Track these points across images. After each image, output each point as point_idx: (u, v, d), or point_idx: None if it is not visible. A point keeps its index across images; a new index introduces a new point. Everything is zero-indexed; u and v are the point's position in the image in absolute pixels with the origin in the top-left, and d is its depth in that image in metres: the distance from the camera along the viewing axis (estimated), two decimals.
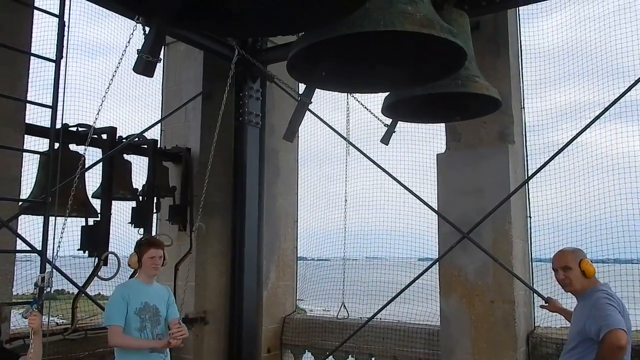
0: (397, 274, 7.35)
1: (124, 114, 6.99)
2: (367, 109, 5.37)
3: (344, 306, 5.78)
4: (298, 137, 7.84)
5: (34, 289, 4.12)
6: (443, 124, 6.20)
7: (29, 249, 4.40)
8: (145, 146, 6.47)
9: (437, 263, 5.94)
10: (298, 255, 7.91)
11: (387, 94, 4.78)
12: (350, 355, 6.97)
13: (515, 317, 5.57)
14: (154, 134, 7.06)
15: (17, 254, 4.79)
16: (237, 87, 6.67)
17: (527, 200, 6.11)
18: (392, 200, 7.05)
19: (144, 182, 6.49)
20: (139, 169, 6.62)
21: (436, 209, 5.93)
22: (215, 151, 6.93)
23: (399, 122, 5.51)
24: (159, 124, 7.09)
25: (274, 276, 7.32)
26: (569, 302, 4.13)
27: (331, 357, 6.98)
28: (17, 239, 4.58)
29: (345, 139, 5.52)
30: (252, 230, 6.78)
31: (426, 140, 6.80)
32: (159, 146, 6.82)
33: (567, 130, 5.82)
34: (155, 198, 6.48)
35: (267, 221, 7.18)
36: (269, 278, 7.23)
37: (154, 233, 6.49)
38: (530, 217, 6.07)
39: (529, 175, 5.62)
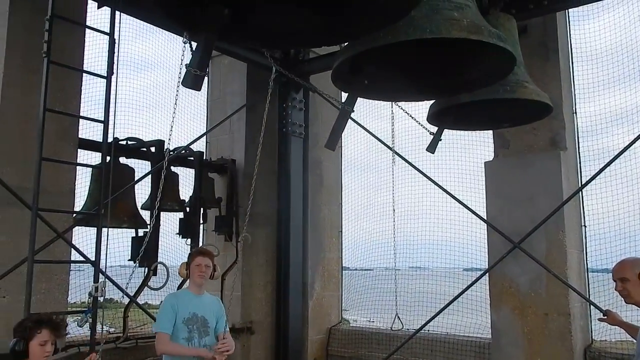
0: (443, 284, 7.22)
1: (172, 127, 7.13)
2: (413, 118, 5.31)
3: (398, 317, 5.69)
4: (341, 146, 7.84)
5: (88, 298, 4.24)
6: (490, 131, 6.07)
7: (83, 259, 4.54)
8: (192, 158, 6.57)
9: (487, 274, 5.79)
10: (343, 265, 7.87)
11: (432, 101, 4.72)
12: None
13: (572, 330, 5.37)
14: (200, 146, 7.18)
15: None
16: (280, 98, 6.72)
17: (581, 209, 5.89)
18: (438, 209, 6.93)
19: (191, 194, 6.59)
20: (186, 181, 6.74)
21: (485, 218, 5.79)
22: (259, 162, 6.98)
23: (445, 130, 5.42)
24: (205, 136, 7.20)
25: (319, 286, 7.30)
26: (632, 314, 3.95)
27: None
28: (72, 249, 4.72)
29: (390, 148, 5.47)
30: (296, 240, 6.79)
31: (473, 147, 6.67)
32: (204, 158, 6.92)
33: (622, 135, 5.60)
34: (201, 209, 6.57)
35: (312, 231, 7.18)
36: (314, 288, 7.21)
37: (201, 244, 6.58)
38: (585, 226, 5.84)
39: (583, 183, 5.43)
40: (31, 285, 3.97)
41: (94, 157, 5.51)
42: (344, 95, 4.94)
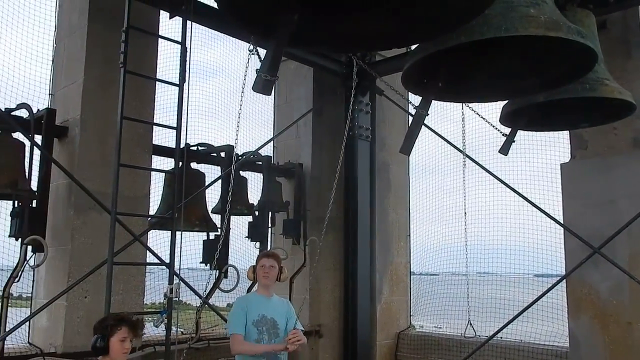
0: (514, 290, 6.96)
1: (240, 132, 7.26)
2: (485, 119, 5.16)
3: (470, 324, 5.54)
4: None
5: (163, 299, 4.37)
6: (566, 132, 5.81)
7: (157, 261, 4.69)
8: (260, 163, 6.67)
9: (564, 280, 5.54)
10: (411, 270, 7.75)
11: (505, 102, 4.57)
12: None
13: None
14: (268, 150, 7.28)
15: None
16: (347, 102, 6.70)
17: None
18: (509, 213, 6.71)
19: (259, 198, 6.69)
20: (254, 185, 6.84)
21: (562, 221, 5.54)
22: (326, 166, 7.03)
23: (518, 131, 5.23)
24: (272, 141, 7.28)
25: (387, 291, 7.22)
26: None
27: None
28: (147, 252, 4.88)
29: (461, 151, 5.34)
30: (364, 244, 6.75)
31: (547, 148, 6.40)
32: (272, 162, 7.01)
33: None
34: (270, 213, 6.65)
35: (380, 235, 7.12)
36: (382, 293, 7.14)
37: (269, 247, 6.66)
38: None
39: None
40: (111, 286, 4.14)
41: (167, 163, 5.70)
42: (413, 96, 4.88)
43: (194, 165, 5.99)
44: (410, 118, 4.65)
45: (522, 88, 3.94)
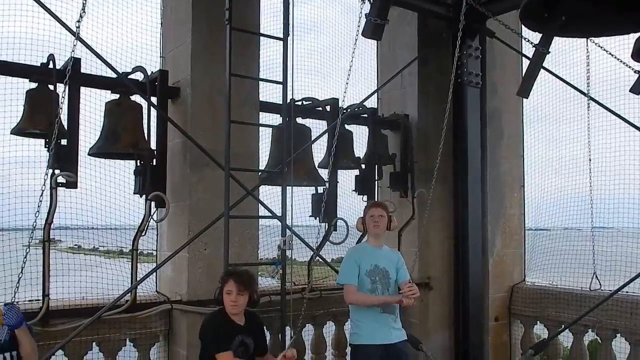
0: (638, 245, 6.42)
1: (342, 85, 7.18)
2: (613, 56, 4.69)
3: (596, 276, 5.22)
4: None
5: (277, 252, 4.51)
6: None
7: (270, 214, 4.82)
8: (365, 115, 6.57)
9: None
10: (525, 223, 7.40)
11: (638, 35, 4.09)
12: (590, 330, 6.35)
13: None
14: (372, 103, 7.15)
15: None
16: (454, 47, 6.35)
17: None
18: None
19: (365, 151, 6.62)
20: (359, 138, 6.78)
21: None
22: (433, 116, 6.79)
23: None
24: (376, 93, 7.13)
25: (499, 244, 6.97)
26: None
27: (567, 330, 6.44)
28: (259, 205, 5.02)
29: (584, 93, 4.90)
30: (475, 196, 6.51)
31: None
32: (377, 114, 6.88)
33: None
34: (376, 166, 6.58)
35: (491, 187, 6.83)
36: (494, 246, 6.90)
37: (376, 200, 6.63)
38: None
39: None
40: (228, 239, 4.32)
41: (272, 120, 5.78)
42: (529, 36, 4.52)
43: (299, 120, 6.02)
44: (525, 61, 4.34)
45: None
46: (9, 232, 4.38)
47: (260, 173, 5.34)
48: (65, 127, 4.44)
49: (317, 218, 5.89)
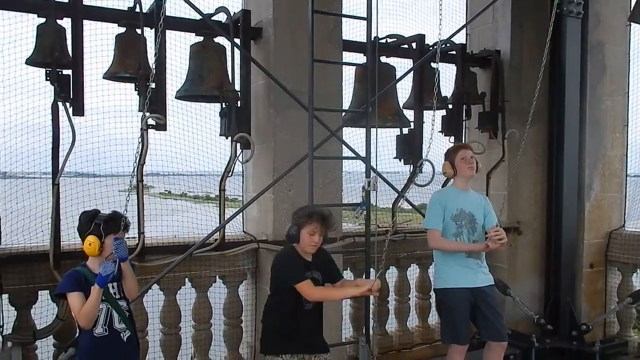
0: None
1: (429, 23, 6.83)
2: None
3: None
4: (629, 25, 6.60)
5: (362, 192, 4.47)
6: None
7: (354, 155, 4.75)
8: (453, 52, 6.25)
9: None
10: (628, 166, 6.87)
11: None
12: None
13: None
14: (460, 39, 6.75)
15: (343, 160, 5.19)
16: None
17: None
18: None
19: (453, 90, 6.33)
20: (447, 77, 6.47)
21: None
22: (527, 51, 6.35)
23: None
24: (465, 28, 6.73)
25: (597, 187, 6.53)
26: None
27: None
28: (343, 146, 4.95)
29: None
30: (572, 136, 6.11)
31: None
32: (466, 51, 6.52)
33: None
34: (464, 106, 6.30)
35: (590, 126, 6.37)
36: (592, 189, 6.48)
37: (464, 141, 6.38)
38: None
39: None
40: (312, 179, 4.31)
41: (355, 59, 5.60)
42: None
43: (383, 59, 5.82)
44: None
45: None
46: (106, 178, 4.62)
47: (343, 114, 5.25)
48: (153, 70, 4.53)
49: (402, 160, 5.77)
